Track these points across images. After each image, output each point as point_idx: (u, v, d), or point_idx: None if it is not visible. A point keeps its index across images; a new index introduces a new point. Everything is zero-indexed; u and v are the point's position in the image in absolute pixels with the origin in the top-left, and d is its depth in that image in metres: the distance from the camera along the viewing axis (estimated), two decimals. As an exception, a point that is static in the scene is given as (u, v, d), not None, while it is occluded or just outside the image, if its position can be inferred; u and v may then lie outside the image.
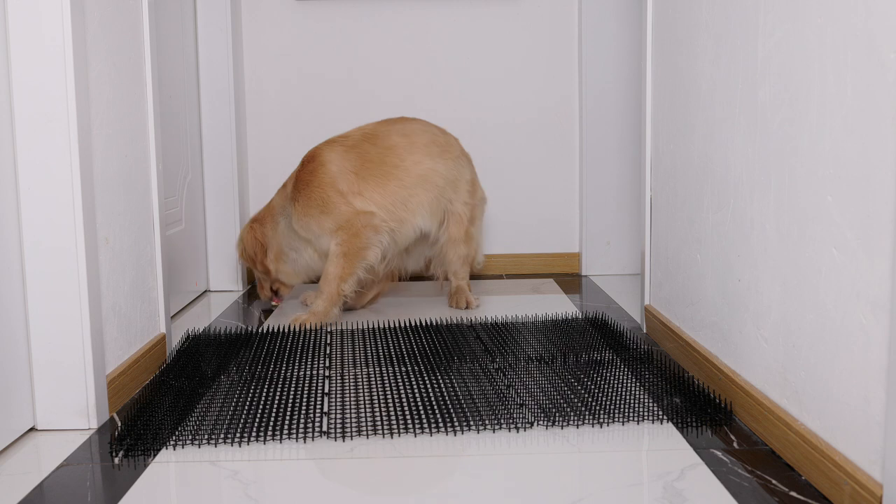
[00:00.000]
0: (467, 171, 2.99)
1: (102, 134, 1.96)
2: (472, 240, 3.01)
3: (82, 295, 1.82)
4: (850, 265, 1.37)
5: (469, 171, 3.01)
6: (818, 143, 1.46)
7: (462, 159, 2.99)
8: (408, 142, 2.85)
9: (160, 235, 2.32)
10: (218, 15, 3.34)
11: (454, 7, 3.60)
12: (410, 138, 2.86)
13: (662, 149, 2.42)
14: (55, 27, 1.76)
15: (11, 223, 1.77)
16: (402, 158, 2.81)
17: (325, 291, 2.74)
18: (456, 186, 2.92)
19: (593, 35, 3.53)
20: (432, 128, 2.96)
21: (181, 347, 2.45)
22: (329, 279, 2.73)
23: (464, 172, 2.97)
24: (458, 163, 2.95)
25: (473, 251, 3.03)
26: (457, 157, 2.96)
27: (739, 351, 1.85)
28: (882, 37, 1.27)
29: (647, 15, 2.52)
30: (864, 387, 1.33)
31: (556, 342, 2.44)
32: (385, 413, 1.89)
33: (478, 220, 3.05)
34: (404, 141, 2.85)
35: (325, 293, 2.74)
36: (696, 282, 2.15)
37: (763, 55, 1.70)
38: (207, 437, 1.76)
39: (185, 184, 3.18)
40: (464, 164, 2.98)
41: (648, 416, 1.84)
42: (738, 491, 1.48)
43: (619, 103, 3.56)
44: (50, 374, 1.83)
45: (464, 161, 2.99)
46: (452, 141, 2.99)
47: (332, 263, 2.73)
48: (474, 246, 3.03)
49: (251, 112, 3.62)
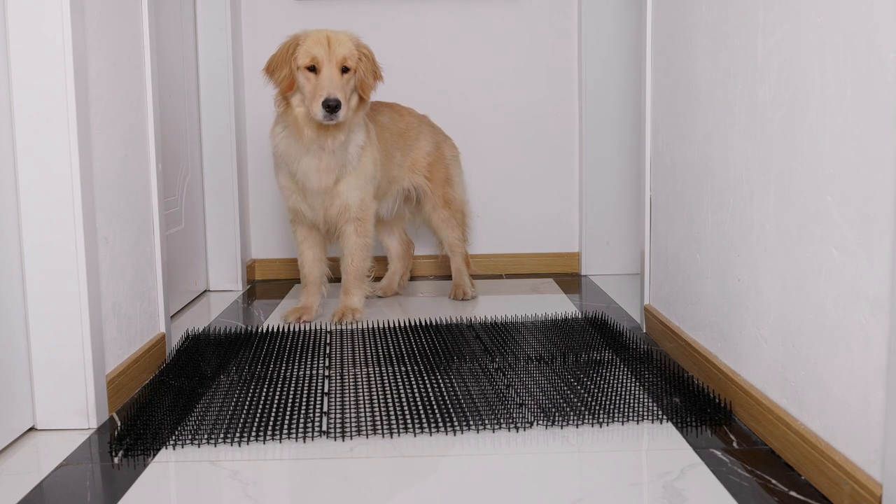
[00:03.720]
0: (425, 143, 3.07)
1: (102, 134, 1.96)
2: (453, 201, 3.14)
3: (82, 294, 1.82)
4: (849, 265, 1.37)
5: (426, 142, 3.08)
6: (818, 143, 1.46)
7: (415, 138, 3.07)
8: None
9: (160, 235, 2.32)
10: (218, 15, 3.34)
11: (454, 7, 3.60)
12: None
13: (662, 149, 2.42)
14: (55, 27, 1.76)
15: (11, 223, 1.77)
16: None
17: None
18: (413, 165, 3.07)
19: (593, 35, 3.53)
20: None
21: (181, 347, 2.45)
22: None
23: (420, 145, 3.07)
24: (414, 142, 3.07)
25: (458, 211, 3.16)
26: (414, 137, 3.06)
27: (739, 351, 1.85)
28: (882, 37, 1.27)
29: (646, 15, 2.52)
30: (864, 386, 1.33)
31: (556, 342, 2.44)
32: (385, 413, 1.89)
33: (454, 176, 3.16)
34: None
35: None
36: (695, 281, 2.15)
37: (763, 55, 1.70)
38: (207, 437, 1.76)
39: (185, 184, 3.18)
40: (420, 138, 3.08)
41: (648, 416, 1.84)
42: (737, 491, 1.48)
43: (619, 103, 3.56)
44: (50, 373, 1.82)
45: (420, 135, 3.08)
46: (409, 121, 3.09)
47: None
48: (457, 206, 3.15)
49: (251, 111, 3.62)
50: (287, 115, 2.64)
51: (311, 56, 2.55)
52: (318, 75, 2.55)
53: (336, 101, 2.48)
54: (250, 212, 3.67)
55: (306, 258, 2.85)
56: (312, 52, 2.55)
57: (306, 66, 2.56)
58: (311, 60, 2.55)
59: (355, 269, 2.82)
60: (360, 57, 2.61)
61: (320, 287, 2.88)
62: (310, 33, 2.60)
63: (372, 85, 2.67)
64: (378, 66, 2.70)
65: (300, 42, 2.58)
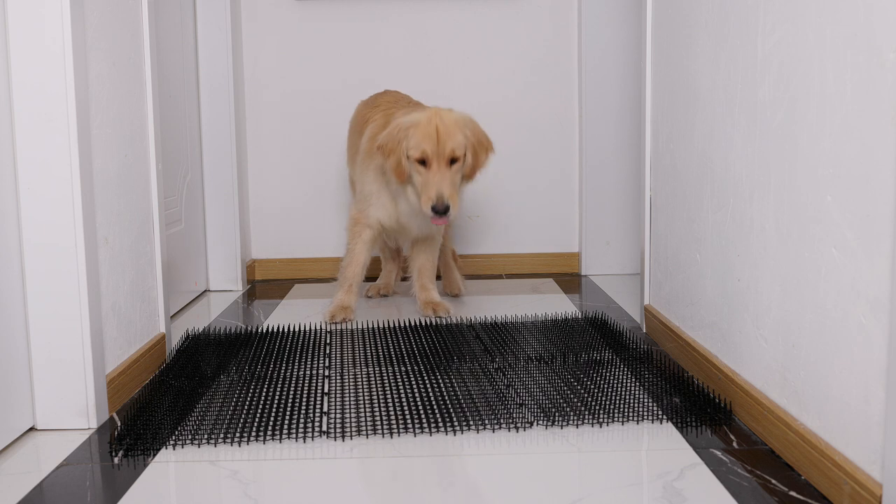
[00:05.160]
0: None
1: (102, 134, 1.96)
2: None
3: (82, 294, 1.82)
4: (849, 265, 1.37)
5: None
6: (818, 142, 1.46)
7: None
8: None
9: (160, 235, 2.32)
10: (218, 15, 3.34)
11: (454, 7, 3.60)
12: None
13: (662, 148, 2.42)
14: (55, 27, 1.76)
15: (11, 222, 1.77)
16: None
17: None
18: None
19: (593, 35, 3.53)
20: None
21: (181, 347, 2.45)
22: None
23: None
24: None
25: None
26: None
27: (739, 350, 1.85)
28: (882, 36, 1.27)
29: (647, 15, 2.52)
30: (864, 386, 1.33)
31: (556, 342, 2.44)
32: (385, 413, 1.89)
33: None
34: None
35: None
36: (695, 281, 2.15)
37: (763, 55, 1.70)
38: (207, 437, 1.76)
39: (185, 183, 3.18)
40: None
41: (648, 416, 1.84)
42: (737, 491, 1.48)
43: (619, 103, 3.56)
44: (50, 373, 1.82)
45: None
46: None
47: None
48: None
49: (251, 111, 3.62)
50: (401, 189, 2.71)
51: (421, 150, 2.57)
52: (428, 170, 2.58)
53: (445, 206, 2.54)
54: (250, 212, 3.67)
55: (359, 260, 2.87)
56: (422, 146, 2.57)
57: (416, 159, 2.58)
58: (422, 154, 2.57)
59: (433, 265, 2.96)
60: (468, 143, 2.63)
61: (359, 288, 2.92)
62: (419, 123, 2.60)
63: (483, 163, 2.72)
64: (489, 142, 2.73)
65: (410, 133, 2.60)
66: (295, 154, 3.67)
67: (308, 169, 3.66)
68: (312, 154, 3.66)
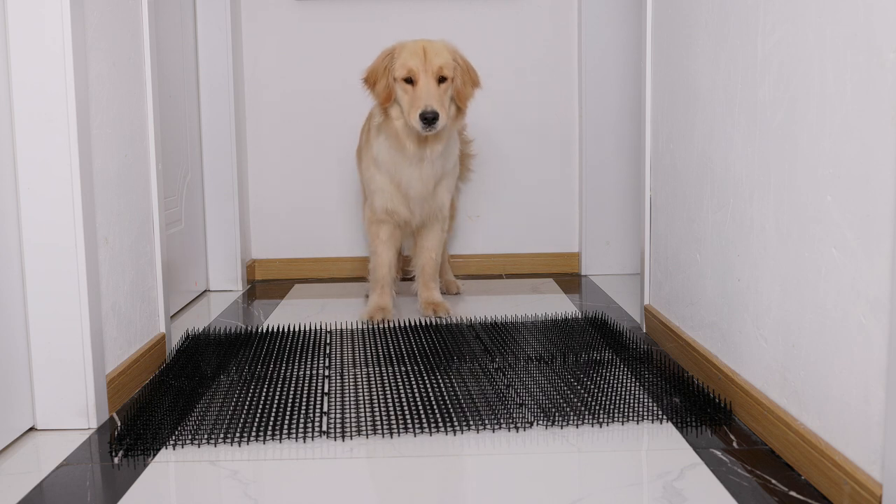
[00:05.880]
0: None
1: (102, 134, 1.96)
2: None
3: (82, 294, 1.82)
4: (849, 265, 1.37)
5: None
6: (818, 142, 1.46)
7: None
8: None
9: (160, 235, 2.32)
10: (217, 15, 3.34)
11: (454, 6, 3.60)
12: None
13: (662, 148, 2.42)
14: (55, 27, 1.76)
15: (11, 222, 1.77)
16: None
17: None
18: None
19: (593, 35, 3.53)
20: None
21: (181, 347, 2.45)
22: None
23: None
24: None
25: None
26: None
27: (739, 351, 1.85)
28: (882, 36, 1.27)
29: (647, 15, 2.52)
30: (864, 386, 1.33)
31: (556, 342, 2.44)
32: (385, 413, 1.89)
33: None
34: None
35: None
36: (695, 282, 2.15)
37: (763, 55, 1.70)
38: (207, 437, 1.76)
39: (185, 183, 3.18)
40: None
41: (648, 416, 1.84)
42: (737, 491, 1.48)
43: (619, 103, 3.56)
44: (50, 373, 1.82)
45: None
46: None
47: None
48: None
49: (251, 111, 3.62)
50: (387, 126, 2.67)
51: (408, 68, 2.55)
52: (415, 87, 2.56)
53: (433, 112, 2.50)
54: (250, 212, 3.67)
55: (383, 260, 2.87)
56: (409, 63, 2.55)
57: (403, 77, 2.57)
58: (408, 72, 2.56)
59: (435, 263, 2.95)
60: (456, 66, 2.61)
61: (392, 287, 2.92)
62: (406, 44, 2.61)
63: (470, 94, 2.68)
64: (476, 74, 2.70)
65: (396, 54, 2.59)
66: (295, 154, 3.67)
67: (308, 169, 3.66)
68: (312, 154, 3.66)
